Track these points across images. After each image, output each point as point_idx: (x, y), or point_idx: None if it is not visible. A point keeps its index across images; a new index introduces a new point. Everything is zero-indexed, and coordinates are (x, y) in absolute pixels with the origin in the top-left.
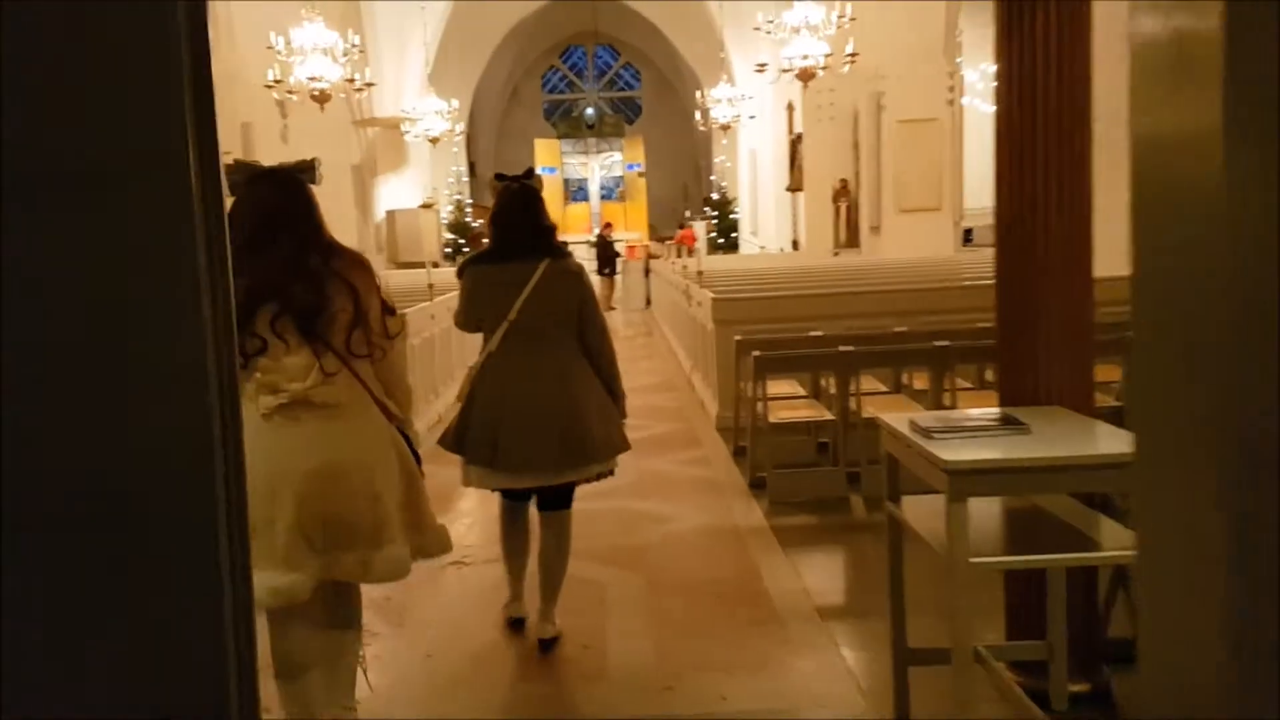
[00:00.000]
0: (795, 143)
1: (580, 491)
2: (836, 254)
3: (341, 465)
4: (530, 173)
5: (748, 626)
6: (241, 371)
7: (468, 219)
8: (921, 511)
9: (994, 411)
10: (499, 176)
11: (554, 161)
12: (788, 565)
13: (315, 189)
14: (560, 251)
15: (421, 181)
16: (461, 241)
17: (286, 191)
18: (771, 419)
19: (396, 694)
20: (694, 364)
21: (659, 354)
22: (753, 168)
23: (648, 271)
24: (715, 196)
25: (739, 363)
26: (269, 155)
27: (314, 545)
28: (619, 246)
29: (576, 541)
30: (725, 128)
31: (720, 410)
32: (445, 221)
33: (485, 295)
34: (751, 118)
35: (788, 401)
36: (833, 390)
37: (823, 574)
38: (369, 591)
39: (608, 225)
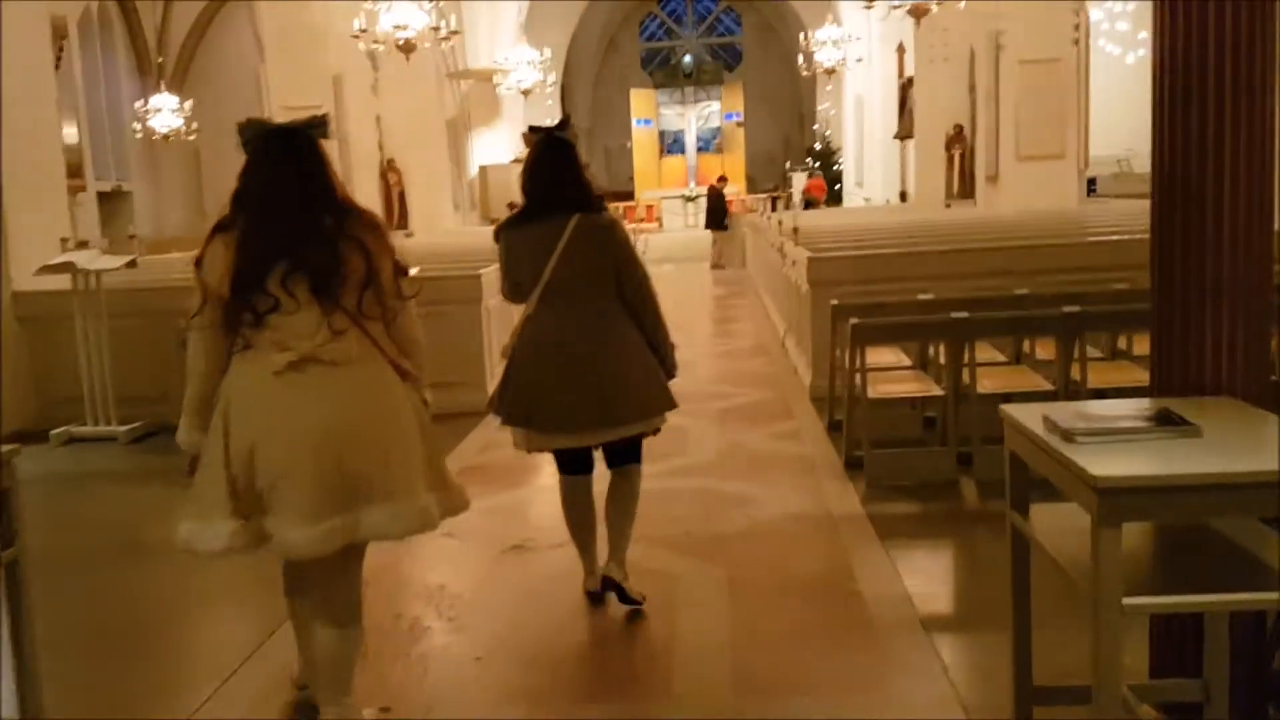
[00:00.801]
0: (905, 87)
1: (658, 469)
2: (949, 206)
3: (355, 421)
4: (564, 123)
5: (839, 637)
6: (254, 329)
7: None
8: (1056, 524)
9: (1147, 405)
10: (532, 129)
11: (649, 113)
12: (886, 563)
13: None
14: (593, 205)
15: (514, 136)
16: None
17: (299, 150)
18: (871, 394)
19: (436, 699)
20: (788, 327)
21: (752, 315)
22: (859, 115)
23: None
24: (818, 147)
25: (835, 329)
26: (360, 108)
27: (337, 501)
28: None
29: (650, 527)
30: (830, 72)
31: (814, 379)
32: None
33: (520, 257)
34: (858, 61)
35: (890, 373)
36: (942, 360)
37: (927, 575)
38: (422, 577)
39: (721, 179)
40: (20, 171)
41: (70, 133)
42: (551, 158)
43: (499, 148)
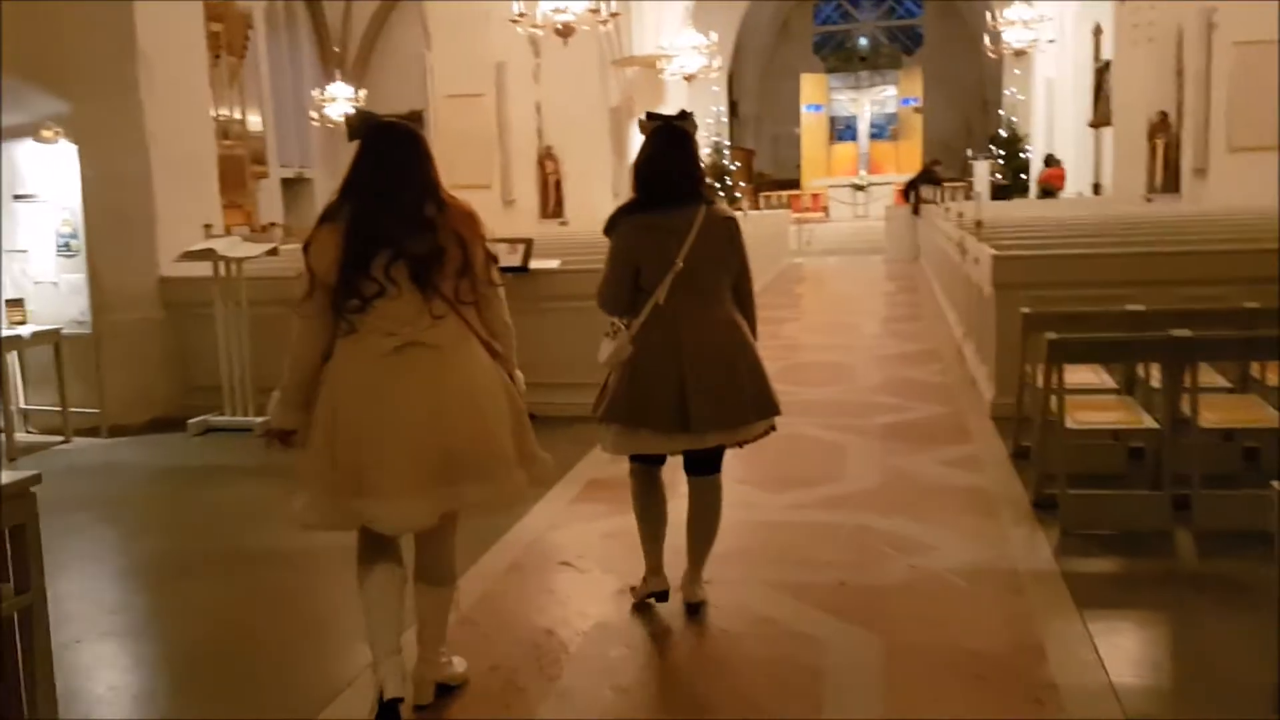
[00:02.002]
0: (1102, 71)
1: (808, 497)
2: (1149, 200)
3: (454, 403)
4: (684, 114)
5: None
6: (359, 314)
7: (725, 162)
8: None
9: None
10: (650, 115)
11: (820, 98)
12: (1085, 641)
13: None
14: (711, 198)
15: None
16: (717, 185)
17: (406, 144)
18: (1070, 423)
19: None
20: (966, 331)
21: (925, 315)
22: (1049, 100)
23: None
24: (1003, 134)
25: (1026, 341)
26: (520, 95)
27: (437, 476)
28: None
29: (795, 573)
30: (1019, 54)
31: (997, 395)
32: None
33: (646, 243)
34: (1050, 42)
35: (1091, 398)
36: (1153, 383)
37: (1141, 659)
38: (528, 619)
39: (935, 162)
40: (172, 158)
41: (255, 121)
42: (674, 146)
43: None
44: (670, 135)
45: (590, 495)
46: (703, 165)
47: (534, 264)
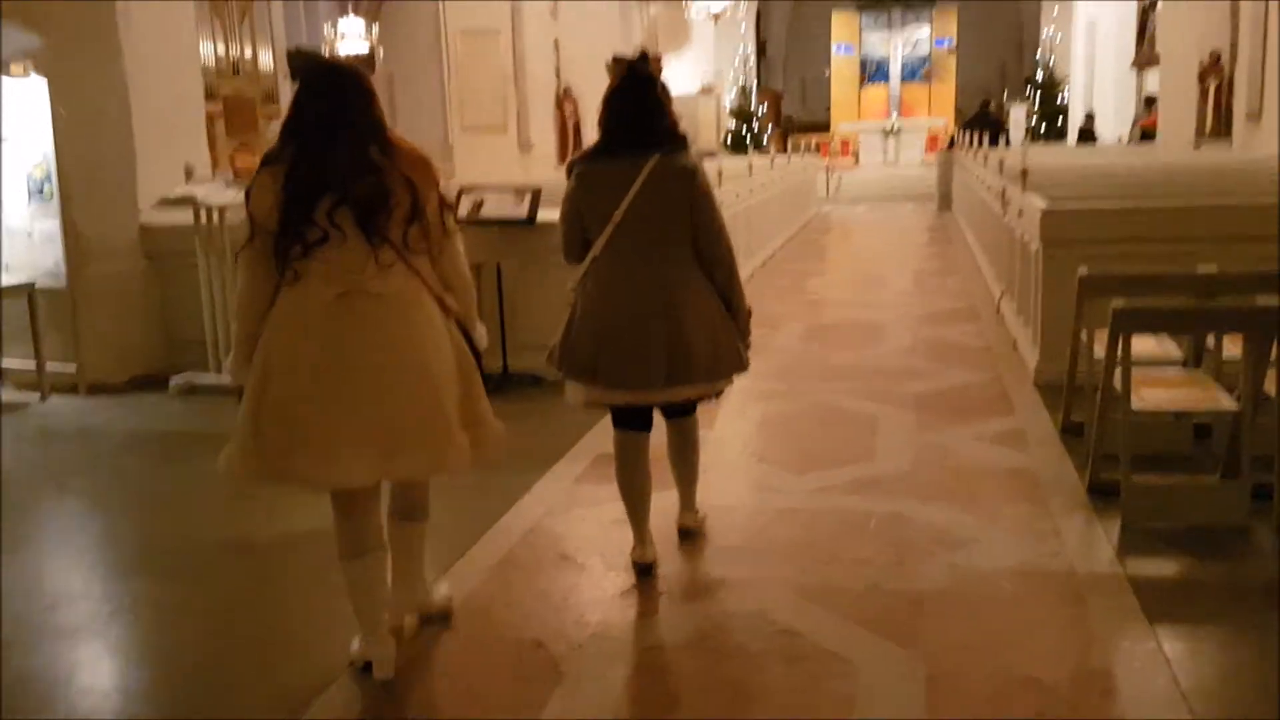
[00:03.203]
0: (1148, 9)
1: (837, 479)
2: (1198, 147)
3: (396, 358)
4: (644, 55)
5: None
6: (302, 260)
7: (753, 105)
8: None
9: None
10: (616, 60)
11: (851, 38)
12: (1161, 667)
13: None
14: (675, 145)
15: (703, 64)
16: (744, 129)
17: (346, 83)
18: (1136, 404)
19: None
20: (1006, 288)
21: (959, 269)
22: (1090, 41)
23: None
24: (1039, 77)
25: (1081, 305)
26: (537, 33)
27: (372, 438)
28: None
29: (823, 573)
30: None
31: (1042, 361)
32: (728, 108)
33: (590, 195)
34: None
35: (1157, 372)
36: (1224, 353)
37: (1234, 693)
38: (518, 628)
39: (987, 102)
40: (154, 96)
41: (266, 59)
42: (632, 91)
43: (687, 77)
44: (628, 79)
45: (596, 474)
46: (673, 113)
47: (543, 215)
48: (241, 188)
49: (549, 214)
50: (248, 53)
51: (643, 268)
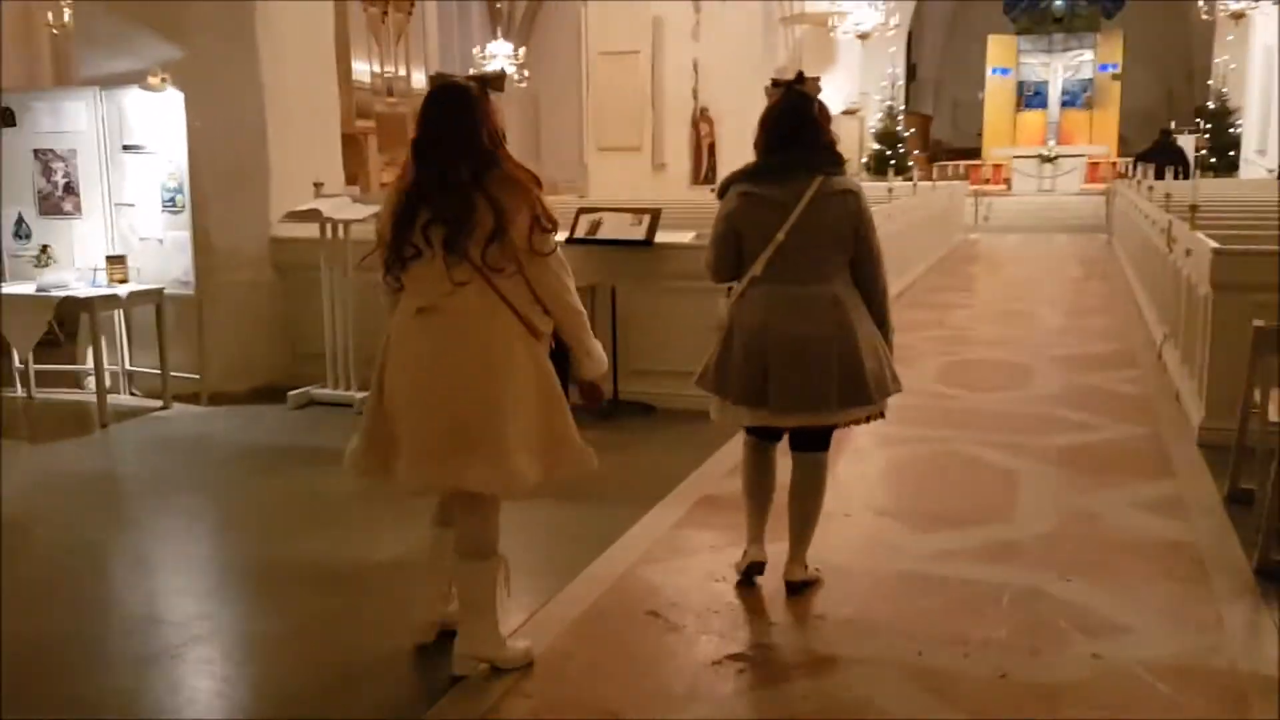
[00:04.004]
0: None
1: (968, 542)
2: None
3: (463, 374)
4: (801, 77)
5: None
6: (402, 273)
7: (899, 128)
8: None
9: None
10: (774, 82)
11: (1009, 61)
12: None
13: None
14: (836, 167)
15: (849, 86)
16: (888, 153)
17: (452, 103)
18: None
19: None
20: (1169, 332)
21: (1116, 307)
22: (1268, 69)
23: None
24: (1210, 105)
25: (1256, 360)
26: (676, 53)
27: (438, 448)
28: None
29: (945, 653)
30: (1237, 17)
31: (1208, 417)
32: (872, 130)
33: (749, 215)
34: (1275, 3)
35: None
36: None
37: None
38: (595, 693)
39: (1167, 130)
40: (290, 110)
41: (419, 79)
42: (793, 111)
43: (831, 99)
44: (789, 100)
45: (700, 517)
46: (831, 133)
47: (662, 237)
48: (367, 203)
49: (668, 236)
50: (401, 71)
51: (807, 289)
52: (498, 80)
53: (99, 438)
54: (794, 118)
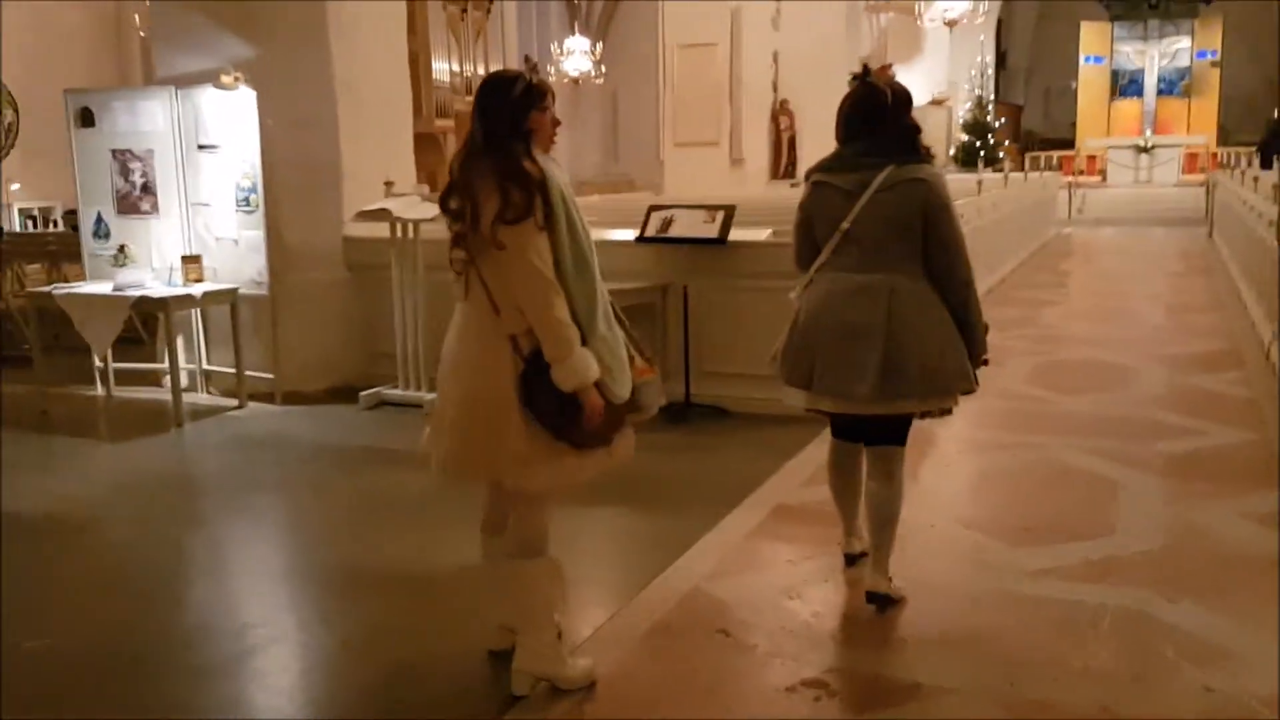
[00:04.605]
0: None
1: (1070, 556)
2: None
3: (447, 360)
4: (882, 67)
5: None
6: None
7: (988, 118)
8: None
9: None
10: (854, 76)
11: (1102, 49)
12: None
13: None
14: (913, 157)
15: (937, 75)
16: (977, 144)
17: (477, 96)
18: None
19: None
20: (1278, 330)
21: (1219, 304)
22: None
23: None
24: None
25: None
26: (756, 45)
27: (434, 427)
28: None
29: (1025, 688)
30: None
31: None
32: (961, 121)
33: (820, 203)
34: None
35: None
36: None
37: None
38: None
39: None
40: (363, 108)
41: None
42: (862, 102)
43: (918, 88)
44: (864, 91)
45: (775, 528)
46: (912, 121)
47: (736, 234)
48: (435, 202)
49: (743, 234)
50: (480, 70)
51: (866, 277)
52: (534, 65)
53: (173, 437)
54: (863, 108)
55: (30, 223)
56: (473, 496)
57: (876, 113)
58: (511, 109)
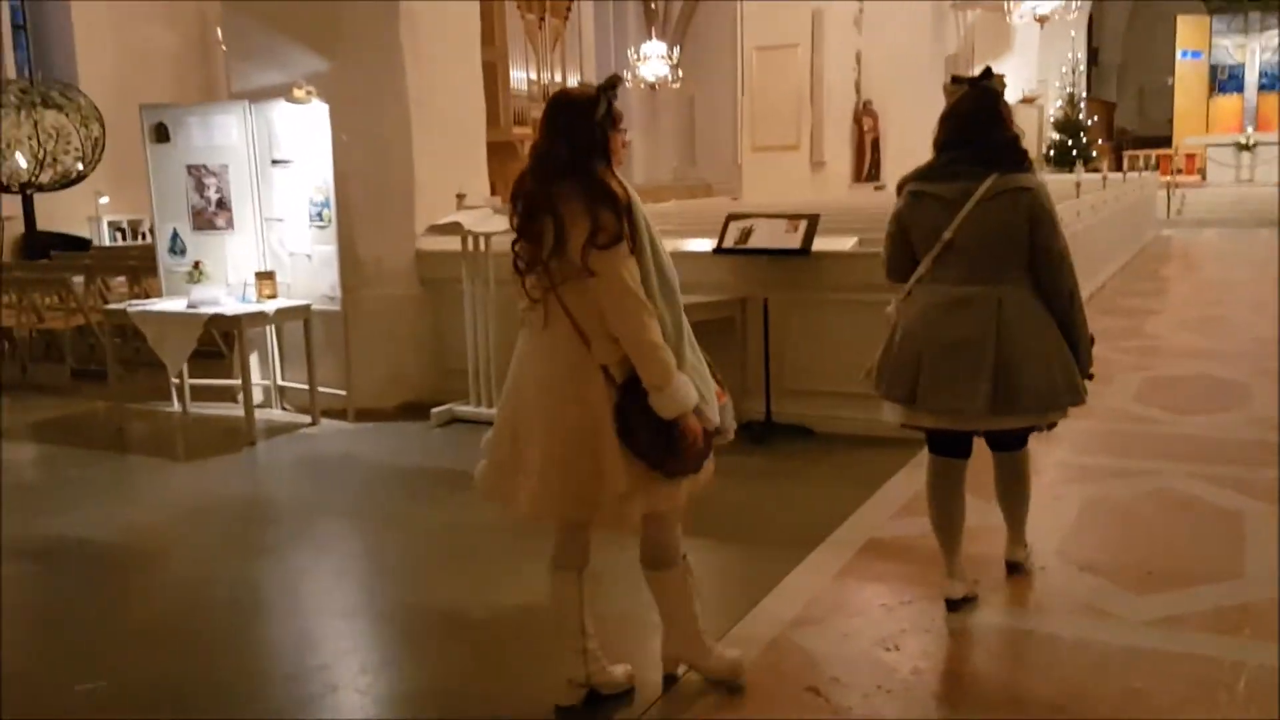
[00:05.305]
0: None
1: (1182, 607)
2: None
3: (526, 391)
4: (988, 73)
5: None
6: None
7: (1080, 117)
8: None
9: None
10: (954, 79)
11: (1200, 43)
12: None
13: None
14: (1017, 165)
15: (1027, 73)
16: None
17: (546, 114)
18: None
19: None
20: None
21: None
22: None
23: None
24: None
25: None
26: (838, 45)
27: (505, 464)
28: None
29: None
30: None
31: None
32: (1052, 119)
33: (920, 213)
34: None
35: None
36: None
37: None
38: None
39: None
40: (436, 121)
41: (573, 82)
42: (971, 107)
43: (1007, 87)
44: (967, 98)
45: (866, 566)
46: (1015, 128)
47: (820, 244)
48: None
49: (826, 244)
50: (558, 77)
51: (972, 290)
52: (613, 83)
53: (244, 457)
54: (973, 115)
55: (119, 235)
56: (540, 528)
57: (985, 120)
58: (596, 130)
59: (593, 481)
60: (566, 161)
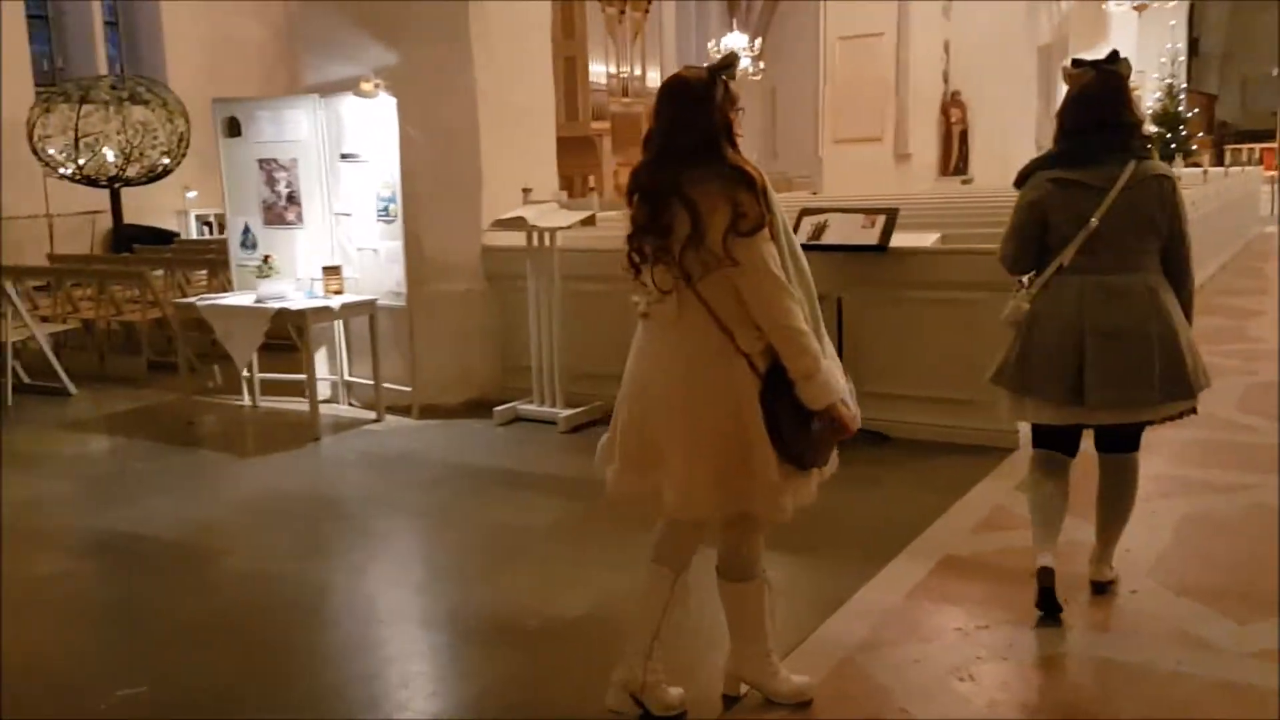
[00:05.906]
0: None
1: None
2: None
3: (659, 386)
4: (1114, 55)
5: None
6: (638, 279)
7: (1180, 109)
8: None
9: None
10: (1075, 62)
11: None
12: None
13: None
14: (1146, 151)
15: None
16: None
17: (664, 98)
18: None
19: None
20: None
21: None
22: None
23: None
24: None
25: None
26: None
27: (640, 462)
28: None
29: None
30: None
31: None
32: (1150, 111)
33: (1058, 199)
34: None
35: None
36: None
37: None
38: None
39: None
40: (504, 115)
41: (653, 77)
42: (1101, 90)
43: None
44: (1098, 81)
45: (942, 585)
46: (1139, 114)
47: (899, 240)
48: (576, 209)
49: (906, 239)
50: (637, 71)
51: (1122, 278)
52: (728, 62)
53: (309, 452)
54: (1108, 99)
55: (206, 229)
56: (598, 528)
57: (1120, 104)
58: (721, 112)
59: (743, 473)
60: (692, 148)
